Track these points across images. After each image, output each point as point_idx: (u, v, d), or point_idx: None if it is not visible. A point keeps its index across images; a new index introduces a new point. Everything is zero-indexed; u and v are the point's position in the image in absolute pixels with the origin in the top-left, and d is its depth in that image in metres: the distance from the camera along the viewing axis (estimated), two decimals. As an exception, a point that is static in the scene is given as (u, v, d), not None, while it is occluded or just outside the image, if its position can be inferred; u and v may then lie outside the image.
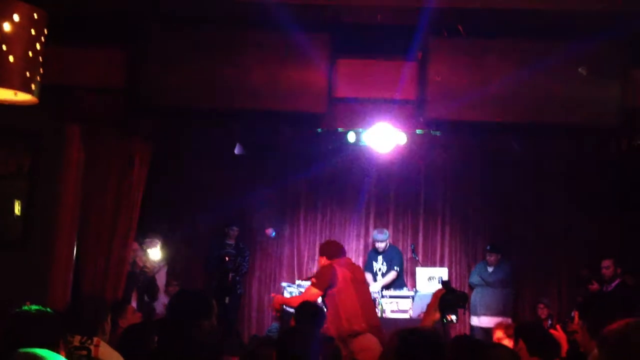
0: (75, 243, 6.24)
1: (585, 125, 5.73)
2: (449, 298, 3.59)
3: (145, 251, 7.43)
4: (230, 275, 8.80)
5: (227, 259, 8.78)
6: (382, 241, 9.05)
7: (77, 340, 3.28)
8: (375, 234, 9.25)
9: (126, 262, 6.51)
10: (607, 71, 5.61)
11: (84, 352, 3.27)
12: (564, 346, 4.63)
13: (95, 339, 3.32)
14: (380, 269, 9.02)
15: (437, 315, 3.59)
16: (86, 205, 6.28)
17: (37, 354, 2.31)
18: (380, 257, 9.07)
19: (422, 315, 5.69)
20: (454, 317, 3.60)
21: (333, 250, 6.48)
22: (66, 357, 2.95)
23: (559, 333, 4.69)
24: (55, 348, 2.61)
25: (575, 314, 4.74)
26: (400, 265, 9.09)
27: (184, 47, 5.92)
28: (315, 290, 6.15)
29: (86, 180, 6.28)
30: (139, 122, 6.24)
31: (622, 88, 5.60)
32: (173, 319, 3.67)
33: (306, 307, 5.09)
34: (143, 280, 7.17)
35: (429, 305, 3.67)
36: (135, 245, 7.08)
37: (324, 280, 6.14)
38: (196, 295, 3.89)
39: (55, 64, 5.79)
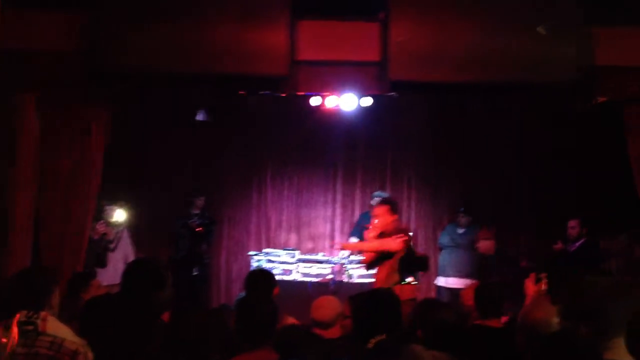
0: (33, 213, 6.12)
1: (544, 83, 5.71)
2: (409, 261, 3.61)
3: (105, 218, 7.33)
4: (204, 245, 8.74)
5: (200, 229, 8.68)
6: None
7: (23, 314, 3.15)
8: (377, 192, 9.09)
9: (86, 232, 6.39)
10: (565, 29, 5.57)
11: (30, 327, 3.13)
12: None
13: (42, 313, 3.18)
14: None
15: (397, 277, 3.61)
16: (44, 174, 6.14)
17: None
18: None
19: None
20: (412, 279, 3.63)
21: (397, 206, 6.47)
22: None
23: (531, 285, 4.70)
24: None
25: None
26: None
27: (141, 9, 5.76)
28: (394, 245, 5.80)
29: (43, 148, 6.13)
30: (96, 87, 6.07)
31: (580, 46, 5.57)
32: (125, 289, 3.59)
33: (258, 273, 5.03)
34: (103, 247, 7.09)
35: (390, 268, 3.67)
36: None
37: (407, 240, 5.92)
38: (148, 265, 3.80)
39: (7, 28, 5.69)
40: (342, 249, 6.27)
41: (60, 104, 6.19)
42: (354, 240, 9.05)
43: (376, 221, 6.18)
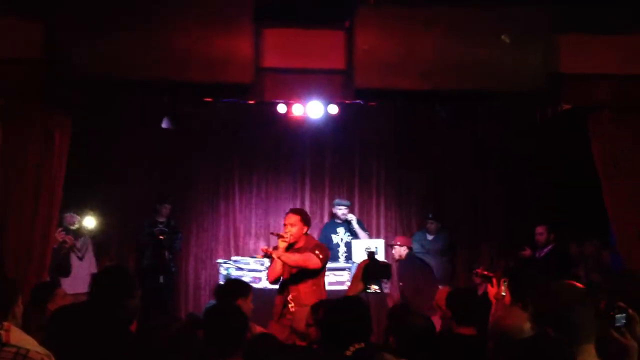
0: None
1: (510, 91, 5.76)
2: (372, 269, 3.64)
3: (64, 226, 7.22)
4: (166, 253, 8.66)
5: (161, 237, 8.61)
6: (345, 207, 8.95)
7: (-15, 326, 3.10)
8: (337, 200, 9.14)
9: (50, 242, 6.29)
10: (530, 37, 5.63)
11: (-6, 338, 3.10)
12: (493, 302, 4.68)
13: (5, 323, 3.13)
14: (342, 239, 8.94)
15: (361, 286, 3.63)
16: (5, 183, 6.04)
17: None
18: (341, 228, 8.97)
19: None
20: (376, 287, 3.65)
21: (309, 219, 6.23)
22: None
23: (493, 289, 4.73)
24: None
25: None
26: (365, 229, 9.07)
27: (103, 16, 5.69)
28: (317, 262, 5.81)
29: (4, 157, 6.03)
30: (58, 95, 5.98)
31: (545, 54, 5.64)
32: (94, 297, 3.59)
33: (233, 283, 5.00)
34: (62, 256, 6.95)
35: (354, 277, 3.73)
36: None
37: (326, 257, 5.93)
38: (118, 273, 3.79)
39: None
40: (266, 255, 5.89)
41: (24, 111, 6.09)
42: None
43: (289, 230, 5.93)
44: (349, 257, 8.67)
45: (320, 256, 5.83)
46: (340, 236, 8.93)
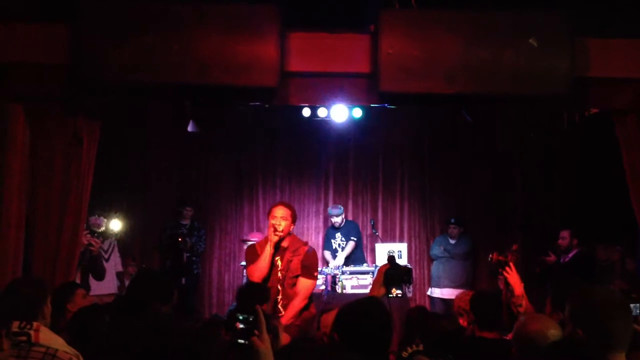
0: (24, 225, 6.08)
1: (536, 96, 5.71)
2: (393, 273, 3.62)
3: (90, 230, 7.27)
4: (185, 255, 8.71)
5: (179, 239, 8.68)
6: (336, 215, 9.03)
7: (15, 325, 3.14)
8: (329, 209, 9.23)
9: (78, 245, 6.35)
10: (556, 41, 5.58)
11: (24, 338, 3.11)
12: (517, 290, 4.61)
13: (35, 323, 3.17)
14: (339, 245, 9.02)
15: (383, 290, 3.61)
16: (34, 187, 6.11)
17: None
18: (338, 233, 9.07)
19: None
20: (398, 292, 3.63)
21: (296, 217, 5.94)
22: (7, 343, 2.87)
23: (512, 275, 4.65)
24: None
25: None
26: (358, 236, 9.09)
27: (129, 22, 5.74)
28: (313, 284, 5.75)
29: (33, 161, 6.10)
30: (84, 99, 6.04)
31: (571, 58, 5.58)
32: (128, 297, 3.64)
33: (254, 286, 5.00)
34: (88, 258, 6.98)
35: (374, 281, 3.71)
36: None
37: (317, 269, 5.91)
38: (156, 277, 3.85)
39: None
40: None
41: (49, 116, 6.16)
42: (327, 253, 9.10)
43: (280, 223, 5.62)
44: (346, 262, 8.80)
45: (316, 274, 5.76)
46: (337, 241, 9.04)
